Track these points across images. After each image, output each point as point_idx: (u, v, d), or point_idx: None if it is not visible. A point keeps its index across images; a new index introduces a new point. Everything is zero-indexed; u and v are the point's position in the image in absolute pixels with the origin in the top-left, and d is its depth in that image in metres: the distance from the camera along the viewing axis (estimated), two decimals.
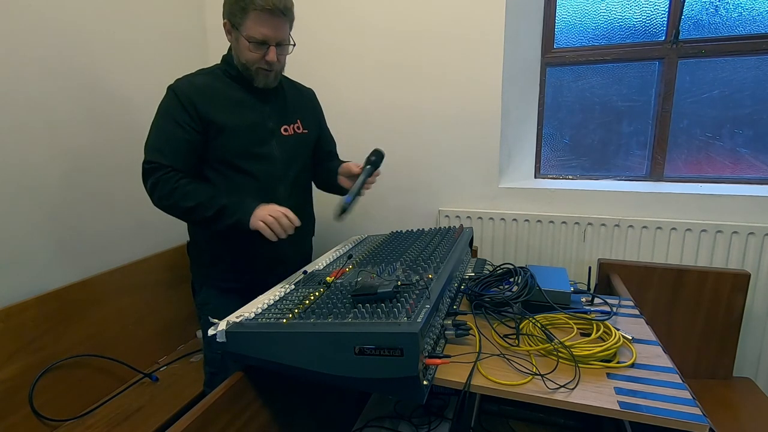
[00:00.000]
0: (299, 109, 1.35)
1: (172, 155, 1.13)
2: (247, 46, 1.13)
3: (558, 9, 1.84)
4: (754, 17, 1.64)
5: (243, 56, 1.16)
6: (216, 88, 1.19)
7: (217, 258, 1.27)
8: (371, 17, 1.86)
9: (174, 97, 1.14)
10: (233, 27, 1.14)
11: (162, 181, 1.11)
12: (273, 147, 1.25)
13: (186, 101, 1.13)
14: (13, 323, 1.29)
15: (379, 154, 1.27)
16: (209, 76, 1.21)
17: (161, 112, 1.16)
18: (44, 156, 1.44)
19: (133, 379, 1.62)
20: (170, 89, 1.17)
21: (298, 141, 1.32)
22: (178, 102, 1.14)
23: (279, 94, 1.30)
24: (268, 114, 1.25)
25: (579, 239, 1.76)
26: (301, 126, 1.32)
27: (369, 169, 1.24)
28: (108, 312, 1.59)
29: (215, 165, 1.20)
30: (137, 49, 1.76)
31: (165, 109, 1.16)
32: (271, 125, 1.25)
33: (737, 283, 1.44)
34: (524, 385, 0.83)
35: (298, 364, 0.83)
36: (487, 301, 1.09)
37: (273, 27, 1.12)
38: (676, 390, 0.81)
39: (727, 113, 1.73)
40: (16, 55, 1.35)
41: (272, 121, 1.25)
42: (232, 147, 1.19)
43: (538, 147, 1.97)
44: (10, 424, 1.26)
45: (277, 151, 1.25)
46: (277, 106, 1.28)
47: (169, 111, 1.14)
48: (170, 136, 1.13)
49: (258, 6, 1.08)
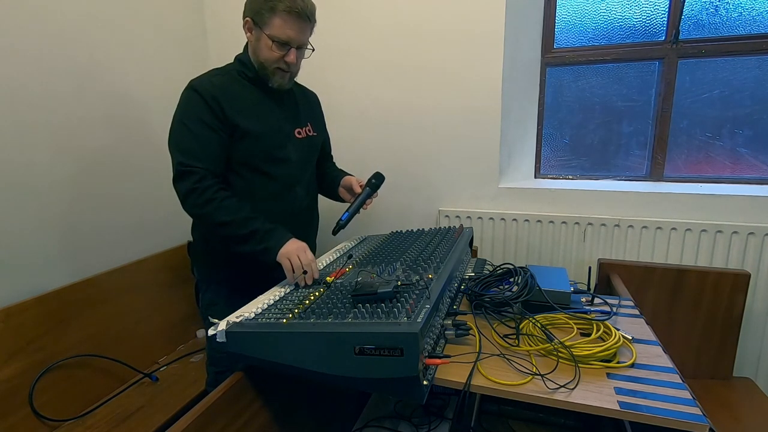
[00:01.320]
0: (309, 112, 1.38)
1: (206, 158, 1.12)
2: (269, 45, 1.14)
3: (558, 9, 1.84)
4: (754, 17, 1.64)
5: (262, 55, 1.16)
6: (236, 90, 1.19)
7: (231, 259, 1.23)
8: (371, 17, 1.86)
9: (199, 98, 1.13)
10: (256, 25, 1.14)
11: (199, 190, 1.10)
12: (290, 150, 1.26)
13: (212, 102, 1.12)
14: (13, 323, 1.29)
15: (380, 178, 1.33)
16: (226, 77, 1.20)
17: (186, 112, 1.14)
18: (44, 156, 1.44)
19: (133, 379, 1.62)
20: (192, 89, 1.14)
21: (310, 143, 1.35)
22: (203, 103, 1.12)
23: (291, 97, 1.32)
24: (284, 117, 1.26)
25: (579, 239, 1.76)
26: (312, 129, 1.35)
27: (368, 191, 1.30)
28: (108, 312, 1.59)
29: (235, 167, 1.20)
30: (138, 49, 1.76)
31: (191, 110, 1.13)
32: (287, 128, 1.26)
33: (737, 283, 1.44)
34: (524, 385, 0.83)
35: (298, 364, 0.83)
36: (487, 301, 1.09)
37: (298, 30, 1.14)
38: (676, 390, 0.81)
39: (727, 113, 1.73)
40: (17, 55, 1.36)
41: (288, 124, 1.27)
42: (256, 150, 1.19)
43: (538, 147, 1.97)
44: (10, 424, 1.26)
45: (294, 154, 1.27)
46: (291, 110, 1.30)
47: (196, 112, 1.12)
48: (201, 138, 1.12)
49: (286, 8, 1.10)
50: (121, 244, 1.72)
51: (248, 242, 1.11)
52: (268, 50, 1.15)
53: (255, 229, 1.10)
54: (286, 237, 1.11)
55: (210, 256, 1.30)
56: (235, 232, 1.10)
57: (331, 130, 1.51)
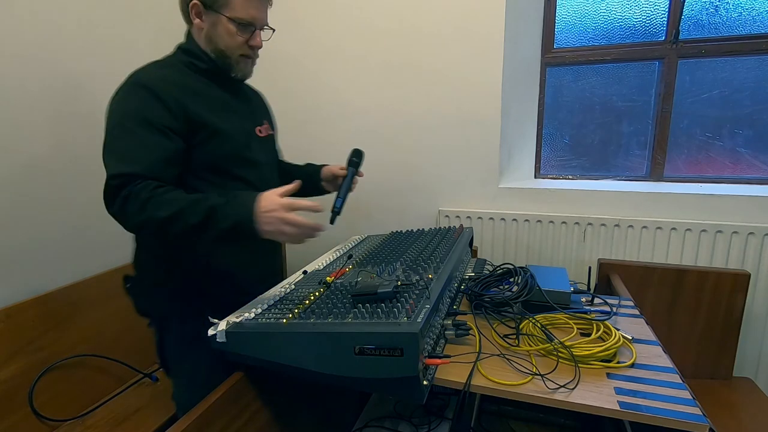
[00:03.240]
0: (261, 110, 1.27)
1: (149, 164, 0.90)
2: (232, 30, 1.01)
3: (558, 9, 1.84)
4: (754, 17, 1.64)
5: (223, 42, 1.02)
6: (191, 84, 1.02)
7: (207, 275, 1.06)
8: (371, 17, 1.85)
9: (149, 96, 0.93)
10: (209, 9, 1.00)
11: (133, 194, 0.87)
12: (255, 150, 1.13)
13: (169, 100, 0.94)
14: (13, 323, 1.29)
15: (360, 154, 1.26)
16: (174, 69, 1.03)
17: (127, 113, 0.93)
18: (44, 155, 1.44)
19: (133, 379, 1.62)
20: (139, 86, 0.95)
21: (270, 142, 1.25)
22: (156, 101, 0.93)
23: (244, 93, 1.18)
24: (243, 115, 1.13)
25: (579, 239, 1.76)
26: (269, 127, 1.24)
27: (352, 170, 1.24)
28: (108, 312, 1.59)
29: (201, 173, 1.02)
30: (138, 48, 1.75)
31: (136, 110, 0.93)
32: (248, 126, 1.13)
33: (737, 283, 1.44)
34: (524, 385, 0.83)
35: (299, 364, 0.83)
36: (487, 301, 1.09)
37: (260, 7, 1.04)
38: (676, 390, 0.81)
39: (727, 113, 1.73)
40: (17, 55, 1.36)
41: (248, 121, 1.14)
42: (224, 152, 1.04)
43: (538, 147, 1.97)
44: (10, 424, 1.26)
45: (260, 155, 1.15)
46: (248, 106, 1.17)
47: (144, 113, 0.92)
48: (146, 142, 0.91)
49: None
50: (121, 245, 1.71)
51: (209, 226, 0.87)
52: (230, 36, 1.01)
53: (212, 206, 0.87)
54: (251, 199, 0.87)
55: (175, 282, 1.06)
56: (189, 221, 0.86)
57: (331, 130, 1.50)
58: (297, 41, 1.95)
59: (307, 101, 1.99)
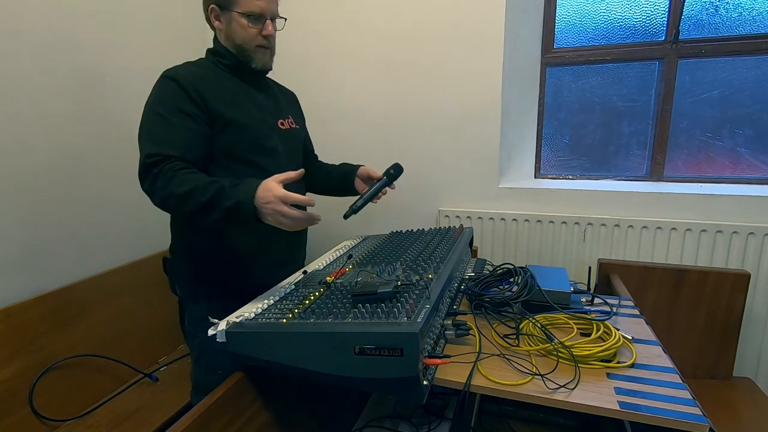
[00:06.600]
0: (288, 105, 1.36)
1: (181, 145, 1.02)
2: (244, 24, 1.12)
3: (558, 9, 1.84)
4: (754, 17, 1.64)
5: (239, 36, 1.13)
6: (215, 79, 1.14)
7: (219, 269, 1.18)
8: (371, 16, 1.86)
9: (176, 86, 1.06)
10: (223, 9, 1.13)
11: (162, 172, 0.98)
12: (276, 141, 1.22)
13: (192, 90, 1.06)
14: (13, 323, 1.29)
15: (399, 169, 1.31)
16: (203, 67, 1.16)
17: (160, 101, 1.06)
18: (44, 155, 1.44)
19: (133, 379, 1.62)
20: (168, 78, 1.07)
21: (294, 136, 1.32)
22: (182, 91, 1.05)
23: (270, 89, 1.30)
24: (266, 107, 1.23)
25: (579, 239, 1.76)
26: (293, 121, 1.32)
27: (386, 179, 1.29)
28: (108, 312, 1.59)
29: (220, 160, 1.13)
30: (136, 47, 1.75)
31: (166, 99, 1.05)
32: (270, 119, 1.23)
33: (737, 283, 1.44)
34: (524, 385, 0.83)
35: (298, 364, 0.83)
36: (487, 301, 1.09)
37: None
38: (676, 390, 0.81)
39: (727, 113, 1.73)
40: (14, 52, 1.36)
41: (270, 114, 1.24)
42: (242, 141, 1.14)
43: (538, 147, 1.97)
44: (10, 424, 1.26)
45: (280, 146, 1.23)
46: (271, 100, 1.27)
47: (173, 100, 1.05)
48: (177, 126, 1.03)
49: None
50: (121, 245, 1.72)
51: (215, 205, 0.95)
52: (244, 29, 1.12)
53: (221, 186, 0.95)
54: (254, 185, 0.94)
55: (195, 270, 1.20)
56: (199, 199, 0.95)
57: (332, 129, 1.51)
58: (297, 41, 1.95)
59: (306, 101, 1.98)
